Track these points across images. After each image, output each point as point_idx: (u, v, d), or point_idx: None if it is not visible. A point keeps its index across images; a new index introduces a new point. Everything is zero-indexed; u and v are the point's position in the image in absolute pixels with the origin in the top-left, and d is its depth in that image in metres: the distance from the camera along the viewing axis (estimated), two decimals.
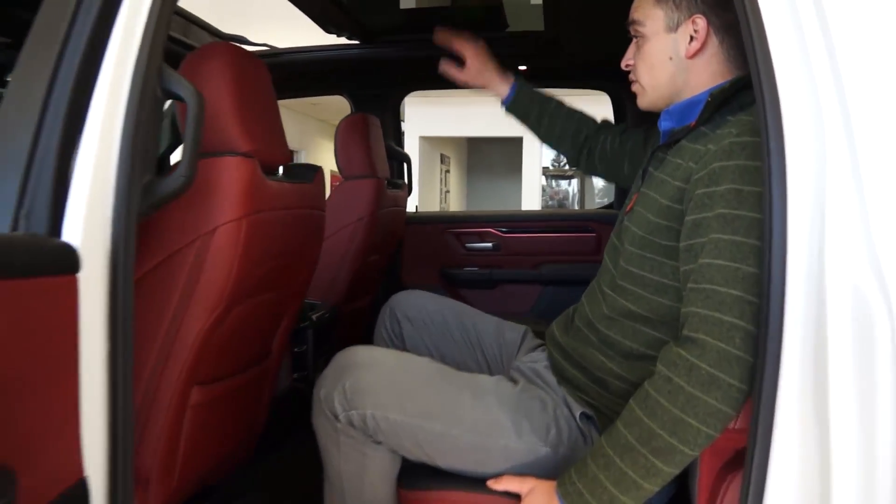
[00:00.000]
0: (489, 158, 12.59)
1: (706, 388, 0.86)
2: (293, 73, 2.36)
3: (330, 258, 2.04)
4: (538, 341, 1.36)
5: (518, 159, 10.38)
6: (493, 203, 12.21)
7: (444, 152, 11.57)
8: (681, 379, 0.88)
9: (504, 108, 1.54)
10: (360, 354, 1.16)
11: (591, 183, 11.50)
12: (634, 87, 1.16)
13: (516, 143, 10.19)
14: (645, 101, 1.16)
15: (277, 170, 1.32)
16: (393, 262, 2.58)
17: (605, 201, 3.14)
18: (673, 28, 1.07)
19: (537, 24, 1.95)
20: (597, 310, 1.15)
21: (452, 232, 2.61)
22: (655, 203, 1.05)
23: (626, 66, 1.17)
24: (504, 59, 1.97)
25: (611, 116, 2.52)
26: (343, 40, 2.27)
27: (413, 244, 2.63)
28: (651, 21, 1.09)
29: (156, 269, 1.07)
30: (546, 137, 1.53)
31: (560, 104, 1.51)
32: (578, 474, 0.97)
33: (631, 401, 0.96)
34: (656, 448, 0.89)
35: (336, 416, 1.11)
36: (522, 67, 2.35)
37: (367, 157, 2.10)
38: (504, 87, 1.52)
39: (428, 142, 10.35)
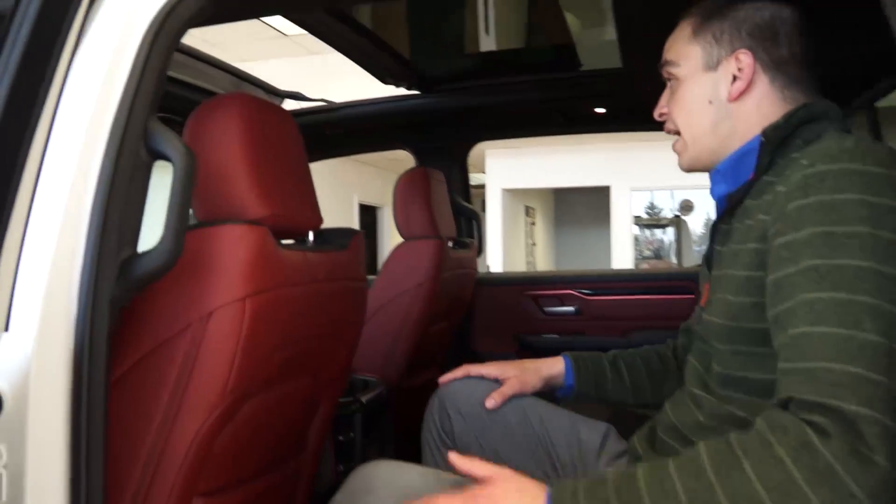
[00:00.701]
0: (576, 209, 12.25)
1: None
2: (351, 127, 2.22)
3: (386, 329, 1.84)
4: (624, 445, 1.07)
5: (606, 209, 10.01)
6: (582, 254, 11.79)
7: (529, 204, 11.34)
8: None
9: (569, 390, 1.18)
10: (380, 476, 0.92)
11: (688, 230, 10.94)
12: (676, 147, 0.98)
13: (604, 192, 9.84)
14: (686, 158, 0.97)
15: (304, 237, 1.14)
16: (462, 330, 2.34)
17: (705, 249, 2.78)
18: (713, 66, 0.91)
19: (613, 62, 1.72)
20: (688, 418, 0.89)
21: (529, 294, 2.36)
22: (733, 280, 0.83)
23: (661, 115, 0.99)
24: (580, 100, 1.75)
25: None
26: (402, 90, 2.12)
27: (485, 309, 2.39)
28: (686, 60, 0.93)
29: (140, 364, 0.89)
30: (637, 395, 1.18)
31: (620, 352, 1.21)
32: (588, 495, 0.69)
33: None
34: None
35: None
36: (601, 110, 2.12)
37: (429, 215, 1.90)
38: (557, 365, 1.18)
39: (511, 194, 10.14)
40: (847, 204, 0.68)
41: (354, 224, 9.59)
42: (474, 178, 11.27)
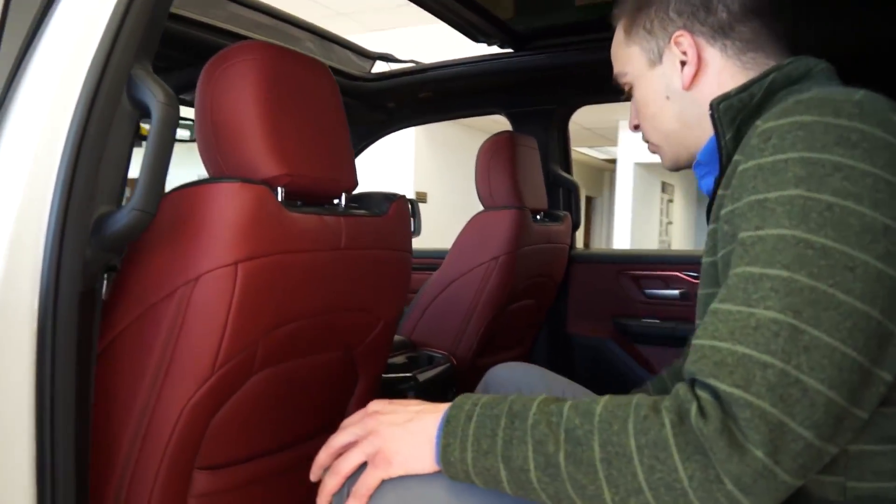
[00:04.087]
0: None
1: None
2: (441, 90, 2.10)
3: (458, 304, 1.73)
4: None
5: None
6: None
7: (666, 180, 10.69)
8: None
9: None
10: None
11: None
12: (650, 149, 0.91)
13: None
14: (666, 159, 0.89)
15: (336, 199, 1.05)
16: (555, 309, 2.18)
17: None
18: (657, 61, 0.83)
19: None
20: None
21: (629, 274, 2.15)
22: (703, 277, 0.75)
23: (634, 127, 0.92)
24: None
25: None
26: (495, 49, 1.97)
27: (580, 288, 2.21)
28: (630, 65, 0.86)
29: (128, 331, 0.84)
30: None
31: None
32: (484, 408, 0.67)
33: None
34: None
35: None
36: None
37: (511, 183, 1.75)
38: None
39: (645, 169, 9.58)
40: (787, 164, 0.59)
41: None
42: (607, 152, 10.77)
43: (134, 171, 0.78)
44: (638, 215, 9.31)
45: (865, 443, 0.60)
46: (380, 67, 2.18)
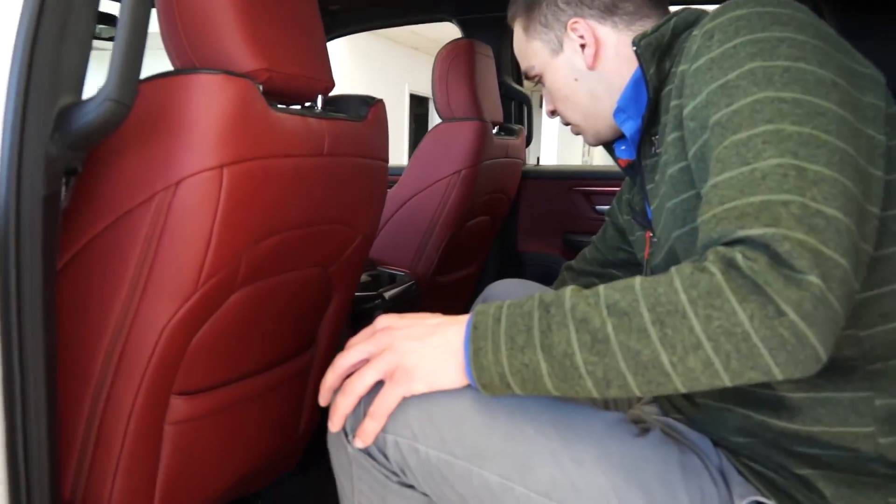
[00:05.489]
0: None
1: None
2: None
3: (418, 219, 1.67)
4: None
5: None
6: None
7: None
8: None
9: None
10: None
11: None
12: (572, 130, 0.98)
13: None
14: (588, 136, 0.96)
15: (312, 101, 0.96)
16: (505, 226, 2.16)
17: None
18: (558, 50, 0.91)
19: None
20: None
21: (580, 191, 2.14)
22: (669, 186, 0.75)
23: (551, 113, 0.99)
24: None
25: None
26: None
27: (531, 204, 2.19)
28: (535, 58, 0.93)
29: (96, 241, 0.74)
30: None
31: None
32: (510, 311, 0.63)
33: None
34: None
35: (347, 435, 0.73)
36: None
37: (471, 94, 1.68)
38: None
39: None
40: (736, 49, 0.65)
41: (405, 116, 9.31)
42: None
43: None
44: (565, 133, 9.38)
45: (867, 290, 0.63)
46: None
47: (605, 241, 1.15)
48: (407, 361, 0.64)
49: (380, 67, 7.98)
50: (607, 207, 2.15)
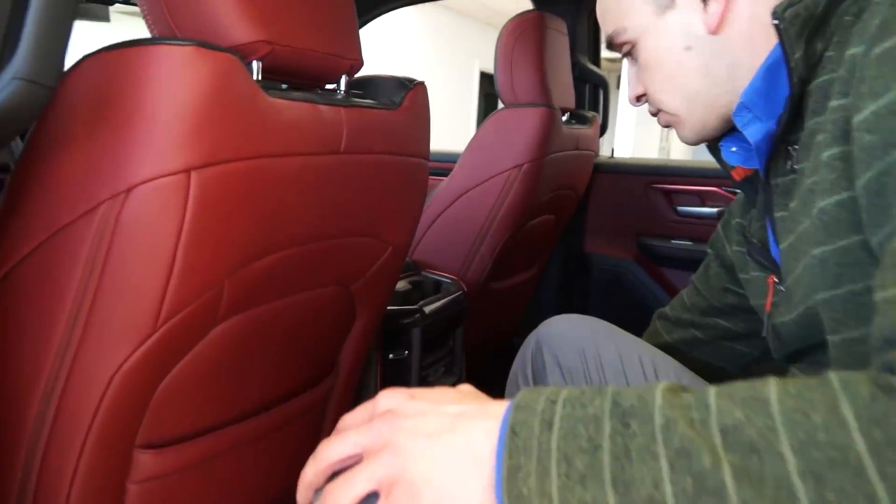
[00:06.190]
0: None
1: None
2: None
3: (470, 220, 1.47)
4: None
5: None
6: None
7: None
8: None
9: None
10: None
11: None
12: (664, 121, 0.74)
13: None
14: (688, 131, 0.72)
15: (334, 83, 0.77)
16: (572, 225, 1.93)
17: None
18: (667, 4, 0.67)
19: None
20: None
21: (660, 188, 1.89)
22: (817, 226, 0.54)
23: (637, 98, 0.75)
24: None
25: None
26: None
27: (602, 201, 1.95)
28: (631, 18, 0.69)
29: (29, 261, 0.57)
30: None
31: None
32: (571, 403, 0.42)
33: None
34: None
35: None
36: None
37: (539, 77, 1.45)
38: None
39: None
40: None
41: (474, 96, 9.05)
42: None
43: None
44: (642, 121, 8.93)
45: None
46: None
47: (709, 282, 0.91)
48: (412, 470, 0.44)
49: (446, 42, 7.74)
50: (690, 209, 1.91)
